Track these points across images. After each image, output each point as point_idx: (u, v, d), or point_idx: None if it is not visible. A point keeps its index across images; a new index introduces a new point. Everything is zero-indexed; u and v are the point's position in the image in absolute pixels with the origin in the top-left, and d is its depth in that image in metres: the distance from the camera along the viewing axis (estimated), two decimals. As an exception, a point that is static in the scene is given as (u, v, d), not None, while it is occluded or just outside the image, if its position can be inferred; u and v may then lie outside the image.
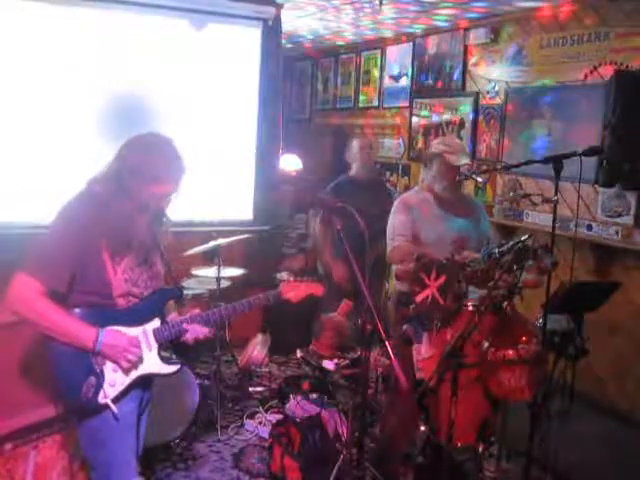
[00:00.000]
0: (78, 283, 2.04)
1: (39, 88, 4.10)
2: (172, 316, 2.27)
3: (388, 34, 5.68)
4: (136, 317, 2.14)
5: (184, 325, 2.21)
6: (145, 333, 2.15)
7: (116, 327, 2.08)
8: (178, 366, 2.24)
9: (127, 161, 2.06)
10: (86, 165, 4.00)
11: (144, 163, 2.04)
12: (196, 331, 2.23)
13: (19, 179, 4.11)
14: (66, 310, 2.03)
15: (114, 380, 2.09)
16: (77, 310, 2.05)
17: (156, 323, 2.18)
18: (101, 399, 2.06)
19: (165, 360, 2.20)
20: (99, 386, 2.05)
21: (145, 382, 2.23)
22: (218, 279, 3.97)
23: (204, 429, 3.74)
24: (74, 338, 2.01)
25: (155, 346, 2.17)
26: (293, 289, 2.39)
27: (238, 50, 4.81)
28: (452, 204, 3.19)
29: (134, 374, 2.13)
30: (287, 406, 3.62)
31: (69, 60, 4.17)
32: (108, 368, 2.08)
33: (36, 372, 2.68)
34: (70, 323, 2.02)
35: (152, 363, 2.17)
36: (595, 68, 3.86)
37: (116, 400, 2.09)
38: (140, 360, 2.12)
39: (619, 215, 3.72)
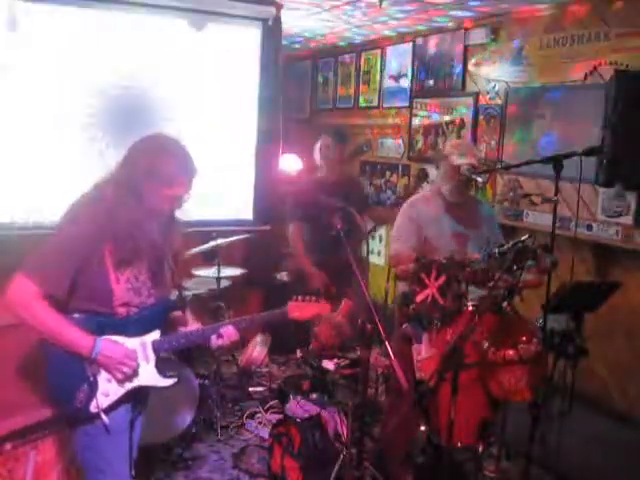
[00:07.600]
0: (79, 289, 1.99)
1: (39, 88, 4.10)
2: (194, 326, 2.25)
3: (388, 34, 5.67)
4: (136, 327, 2.09)
5: (221, 330, 2.19)
6: (144, 345, 2.11)
7: (114, 337, 2.03)
8: (175, 380, 2.19)
9: (139, 164, 2.01)
10: (86, 165, 4.07)
11: (157, 165, 1.99)
12: (229, 335, 2.20)
13: (20, 180, 4.10)
14: (64, 315, 1.98)
15: (108, 390, 2.05)
16: (75, 316, 2.01)
17: (156, 335, 2.14)
18: (93, 408, 2.02)
19: (162, 373, 2.16)
20: (92, 395, 2.02)
21: (140, 392, 2.18)
22: (218, 279, 3.98)
23: (204, 429, 3.75)
24: (70, 344, 1.97)
25: (153, 358, 2.13)
26: (299, 309, 2.34)
27: (238, 50, 4.81)
28: (460, 209, 3.15)
29: (129, 386, 2.09)
30: (287, 406, 3.62)
31: (68, 60, 4.16)
32: (102, 378, 2.04)
33: (36, 372, 2.68)
34: (67, 329, 1.97)
35: (148, 376, 2.12)
36: (595, 68, 3.86)
37: (108, 410, 2.05)
38: (135, 373, 2.08)
39: (619, 215, 3.72)
